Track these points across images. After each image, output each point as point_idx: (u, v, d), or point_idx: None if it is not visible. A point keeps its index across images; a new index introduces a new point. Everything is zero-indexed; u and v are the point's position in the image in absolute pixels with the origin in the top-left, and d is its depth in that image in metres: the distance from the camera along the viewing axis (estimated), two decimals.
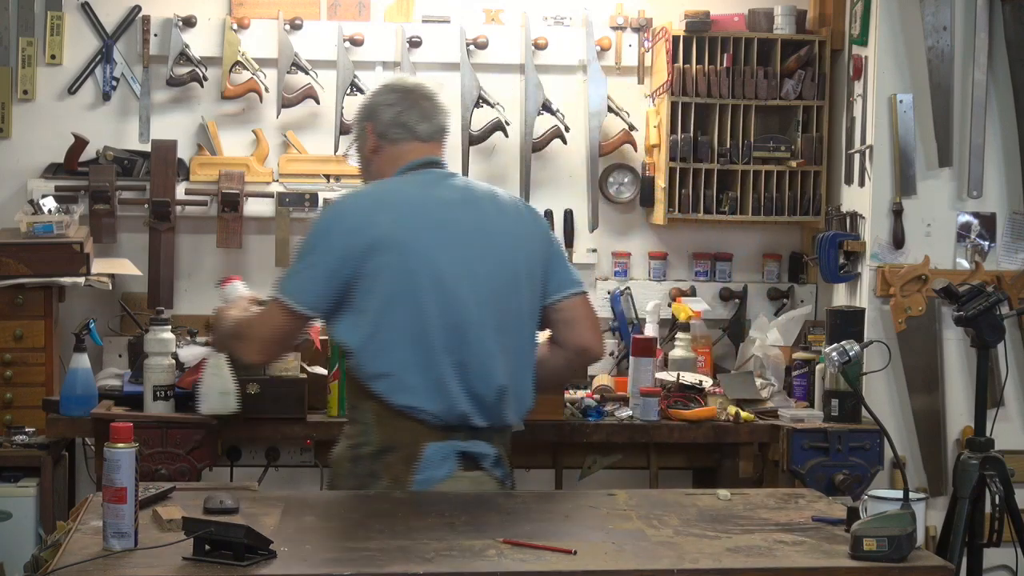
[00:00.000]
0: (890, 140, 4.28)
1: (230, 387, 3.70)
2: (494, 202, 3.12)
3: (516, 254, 3.07)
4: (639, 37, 4.70)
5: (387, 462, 2.98)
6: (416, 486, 2.95)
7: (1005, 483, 3.49)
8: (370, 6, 4.65)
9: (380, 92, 3.18)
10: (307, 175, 4.62)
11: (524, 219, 3.14)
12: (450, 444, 2.99)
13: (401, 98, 3.13)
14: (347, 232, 2.98)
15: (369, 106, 3.16)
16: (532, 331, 3.12)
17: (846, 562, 2.46)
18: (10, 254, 4.22)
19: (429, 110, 3.13)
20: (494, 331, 3.00)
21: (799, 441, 3.94)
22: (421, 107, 3.13)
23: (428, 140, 3.13)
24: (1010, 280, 4.27)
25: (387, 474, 2.97)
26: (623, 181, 4.74)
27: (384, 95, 3.16)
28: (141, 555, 2.39)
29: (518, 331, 3.06)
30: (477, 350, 2.98)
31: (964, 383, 4.28)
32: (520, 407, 3.09)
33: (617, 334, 4.64)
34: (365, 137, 3.16)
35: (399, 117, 3.11)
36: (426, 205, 3.03)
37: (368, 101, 3.18)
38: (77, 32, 4.59)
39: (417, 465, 2.96)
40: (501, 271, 3.04)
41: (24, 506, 3.98)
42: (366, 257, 2.94)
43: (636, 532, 2.63)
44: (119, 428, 2.41)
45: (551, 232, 3.22)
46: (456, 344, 2.97)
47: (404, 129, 3.11)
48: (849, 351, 3.17)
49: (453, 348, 2.97)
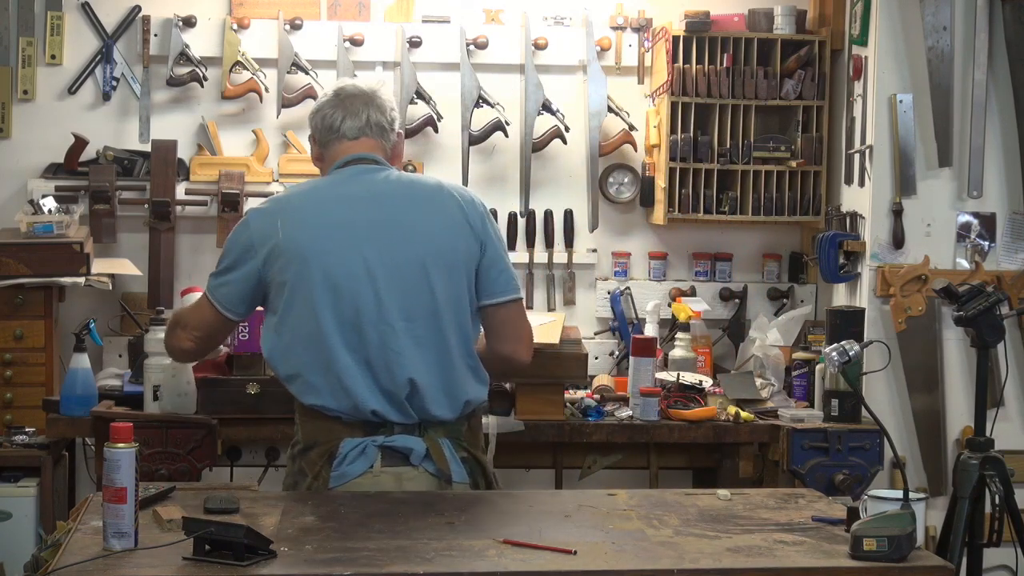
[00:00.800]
0: (890, 140, 4.28)
1: (189, 390, 3.76)
2: (410, 195, 3.08)
3: (426, 247, 3.02)
4: (639, 37, 4.70)
5: (310, 459, 3.01)
6: (332, 482, 2.97)
7: (1005, 483, 3.49)
8: (370, 6, 4.65)
9: (318, 99, 3.21)
10: (307, 175, 4.60)
11: (446, 212, 3.07)
12: (368, 439, 2.99)
13: (330, 101, 3.14)
14: (250, 243, 3.02)
15: (310, 116, 3.20)
16: (459, 322, 3.06)
17: (846, 562, 2.46)
18: (10, 254, 4.22)
19: (355, 107, 3.12)
20: (401, 325, 2.99)
21: (799, 441, 3.94)
22: (346, 106, 3.12)
23: (356, 137, 3.12)
24: (1010, 280, 4.27)
25: (310, 471, 3.00)
26: (623, 181, 4.74)
27: (320, 101, 3.18)
28: (141, 555, 2.39)
29: (433, 323, 3.02)
30: (379, 345, 2.98)
31: (964, 383, 4.28)
32: (451, 400, 3.04)
33: (617, 334, 4.64)
34: (312, 146, 3.21)
35: (325, 120, 3.13)
36: (325, 205, 3.05)
37: (313, 109, 3.19)
38: (77, 32, 4.59)
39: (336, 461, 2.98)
40: (407, 264, 3.01)
41: (24, 506, 3.98)
42: (268, 264, 3.00)
43: (636, 532, 2.63)
44: (119, 428, 2.42)
45: (489, 231, 3.10)
46: (356, 342, 2.97)
47: (331, 131, 3.13)
48: (849, 351, 3.17)
49: (354, 346, 2.97)
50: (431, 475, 3.00)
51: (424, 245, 3.02)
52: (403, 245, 3.01)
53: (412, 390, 2.99)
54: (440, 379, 3.02)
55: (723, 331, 4.70)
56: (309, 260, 2.98)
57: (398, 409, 2.99)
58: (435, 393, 3.01)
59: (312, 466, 3.00)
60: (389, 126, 3.14)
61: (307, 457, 3.02)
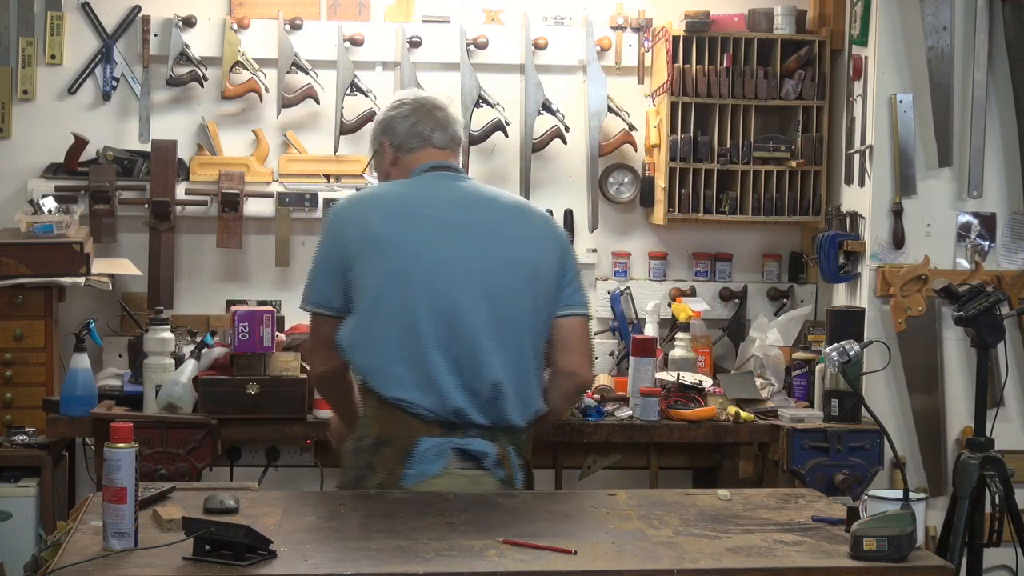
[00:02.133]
0: (890, 140, 4.28)
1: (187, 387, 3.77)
2: (500, 204, 3.16)
3: (518, 254, 3.07)
4: (639, 37, 4.70)
5: (383, 455, 2.99)
6: (406, 480, 2.96)
7: (1005, 483, 3.49)
8: (370, 6, 4.65)
9: (393, 107, 3.25)
10: (307, 175, 4.62)
11: (536, 224, 3.16)
12: (446, 440, 2.99)
13: (414, 110, 3.20)
14: (341, 232, 3.05)
15: (383, 122, 3.24)
16: (537, 331, 3.10)
17: (846, 562, 2.46)
18: (10, 254, 4.22)
19: (443, 120, 3.21)
20: (490, 326, 3.01)
21: (799, 441, 3.94)
22: (435, 117, 3.20)
23: (443, 148, 3.20)
24: (1010, 280, 4.27)
25: (382, 467, 2.99)
26: (623, 181, 4.74)
27: (397, 109, 3.23)
28: (141, 555, 2.39)
29: (519, 328, 3.05)
30: (470, 346, 2.99)
31: (964, 383, 4.28)
32: (524, 407, 3.06)
33: (617, 334, 4.64)
34: (383, 153, 3.23)
35: (415, 127, 3.18)
36: (419, 202, 3.07)
37: (382, 117, 3.25)
38: (77, 32, 4.59)
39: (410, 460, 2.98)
40: (501, 269, 3.05)
41: (24, 506, 3.98)
42: (360, 253, 3.01)
43: (636, 532, 2.63)
44: (119, 428, 2.42)
45: (570, 249, 3.20)
46: (448, 339, 2.98)
47: (420, 138, 3.18)
48: (849, 351, 3.17)
49: (446, 343, 2.98)
50: (499, 480, 3.03)
51: (517, 252, 3.07)
52: (498, 250, 3.06)
53: (495, 393, 3.01)
54: (519, 385, 3.05)
55: (723, 331, 4.70)
56: (408, 255, 3.01)
57: (479, 410, 3.01)
58: (514, 398, 3.04)
59: (385, 463, 2.99)
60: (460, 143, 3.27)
61: (380, 453, 3.00)
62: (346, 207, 3.12)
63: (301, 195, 4.56)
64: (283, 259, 4.60)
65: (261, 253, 4.65)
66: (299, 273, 4.63)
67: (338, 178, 4.60)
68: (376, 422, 3.02)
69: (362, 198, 3.18)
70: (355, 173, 4.60)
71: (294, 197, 4.56)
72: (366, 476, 3.00)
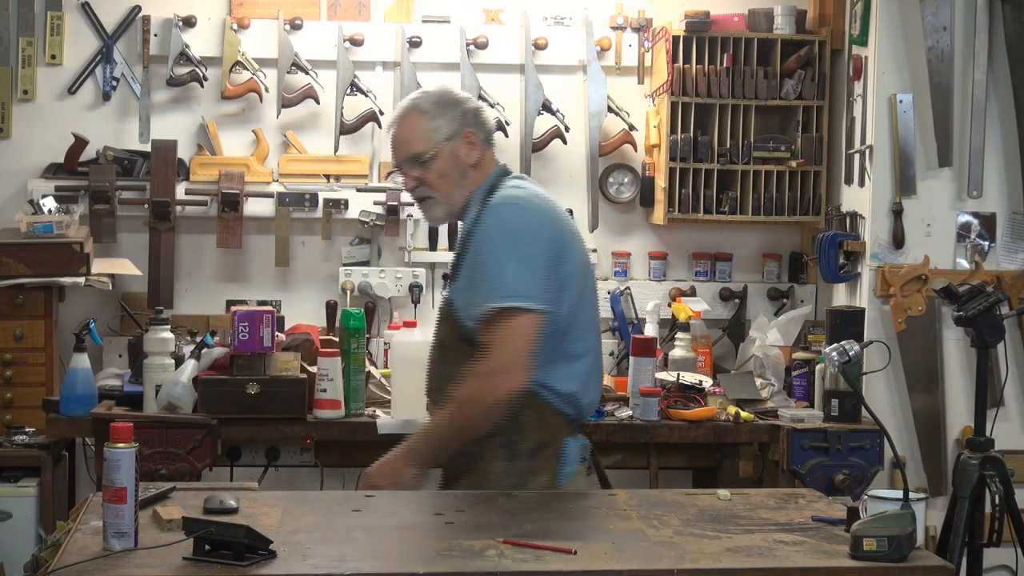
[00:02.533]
0: (890, 140, 4.28)
1: (187, 387, 3.77)
2: None
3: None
4: (639, 37, 4.70)
5: (543, 458, 3.04)
6: (561, 480, 3.06)
7: (1005, 483, 3.49)
8: (370, 6, 4.65)
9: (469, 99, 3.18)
10: (307, 175, 4.62)
11: None
12: (580, 439, 3.13)
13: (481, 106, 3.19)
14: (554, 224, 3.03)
15: (469, 113, 3.11)
16: None
17: (846, 562, 2.46)
18: (10, 254, 4.22)
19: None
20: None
21: (799, 441, 3.94)
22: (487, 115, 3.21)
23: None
24: (1010, 280, 4.27)
25: (544, 470, 3.03)
26: (623, 181, 4.74)
27: (473, 102, 3.17)
28: (141, 555, 2.39)
29: None
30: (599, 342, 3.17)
31: (964, 383, 4.28)
32: None
33: (617, 334, 4.64)
34: (466, 144, 3.09)
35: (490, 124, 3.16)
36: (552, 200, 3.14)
37: (466, 108, 3.12)
38: (77, 32, 4.59)
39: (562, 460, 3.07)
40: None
41: (24, 506, 3.98)
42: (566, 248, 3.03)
43: (636, 532, 2.63)
44: (119, 428, 2.42)
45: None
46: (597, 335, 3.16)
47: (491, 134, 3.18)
48: (849, 351, 3.17)
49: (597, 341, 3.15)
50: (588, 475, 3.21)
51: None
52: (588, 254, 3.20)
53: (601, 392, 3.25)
54: None
55: (723, 331, 4.71)
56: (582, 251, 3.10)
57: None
58: None
59: (545, 465, 3.04)
60: None
61: (539, 456, 3.03)
62: (538, 200, 3.05)
63: (301, 195, 4.56)
64: (283, 259, 4.60)
65: (261, 253, 4.65)
66: (299, 273, 4.65)
67: (338, 178, 4.60)
68: (537, 425, 3.02)
69: (539, 192, 3.12)
70: (355, 173, 4.61)
71: (294, 197, 4.56)
72: (527, 482, 3.00)
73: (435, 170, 3.07)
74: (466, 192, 3.09)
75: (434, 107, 3.08)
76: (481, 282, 2.93)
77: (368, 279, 4.59)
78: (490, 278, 2.91)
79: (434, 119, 3.07)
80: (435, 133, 3.07)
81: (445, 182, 3.09)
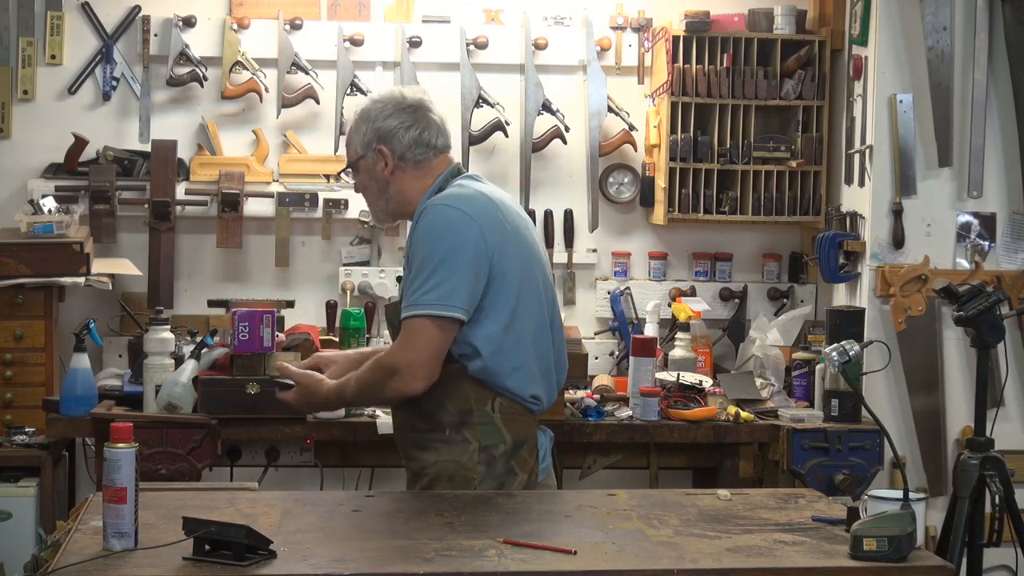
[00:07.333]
0: (890, 140, 4.28)
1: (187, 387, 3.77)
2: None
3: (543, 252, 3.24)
4: (639, 37, 4.70)
5: (521, 457, 3.07)
6: (540, 476, 3.14)
7: (1005, 483, 3.49)
8: (370, 6, 4.65)
9: (386, 113, 3.14)
10: (307, 175, 4.62)
11: None
12: (545, 433, 3.20)
13: (413, 118, 3.14)
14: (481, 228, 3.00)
15: (380, 130, 3.13)
16: None
17: (846, 562, 2.46)
18: (10, 254, 4.22)
19: (440, 124, 3.18)
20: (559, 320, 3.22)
21: (799, 441, 3.94)
22: (434, 124, 3.16)
23: (446, 151, 3.19)
24: (1010, 280, 4.27)
25: (522, 468, 3.07)
26: (623, 181, 4.74)
27: (394, 117, 3.13)
28: (141, 555, 2.39)
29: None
30: (559, 339, 3.19)
31: (964, 383, 4.28)
32: None
33: (617, 334, 4.64)
34: (377, 160, 3.14)
35: (421, 137, 3.13)
36: (502, 201, 3.13)
37: (378, 125, 3.13)
38: (77, 32, 4.59)
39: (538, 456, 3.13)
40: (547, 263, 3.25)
41: (24, 506, 3.98)
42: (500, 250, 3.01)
43: (636, 532, 2.63)
44: (119, 428, 2.42)
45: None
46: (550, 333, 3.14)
47: (427, 147, 3.14)
48: (849, 351, 3.17)
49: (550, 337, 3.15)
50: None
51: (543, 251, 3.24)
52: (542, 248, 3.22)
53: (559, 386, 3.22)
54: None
55: (723, 331, 4.71)
56: (528, 248, 3.10)
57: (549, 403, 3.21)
58: None
59: (524, 464, 3.08)
60: None
61: (518, 456, 3.07)
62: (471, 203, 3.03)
63: (301, 195, 4.57)
64: (283, 259, 4.60)
65: (261, 253, 4.65)
66: (299, 273, 4.65)
67: (338, 178, 4.60)
68: (508, 427, 3.06)
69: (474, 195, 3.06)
70: None
71: (294, 197, 4.57)
72: (506, 482, 3.05)
73: (359, 180, 3.23)
74: (391, 203, 3.18)
75: (356, 120, 3.19)
76: (405, 284, 3.05)
77: (368, 279, 4.59)
78: (409, 281, 3.01)
79: (355, 132, 3.19)
80: (353, 147, 3.20)
81: (367, 192, 3.22)
